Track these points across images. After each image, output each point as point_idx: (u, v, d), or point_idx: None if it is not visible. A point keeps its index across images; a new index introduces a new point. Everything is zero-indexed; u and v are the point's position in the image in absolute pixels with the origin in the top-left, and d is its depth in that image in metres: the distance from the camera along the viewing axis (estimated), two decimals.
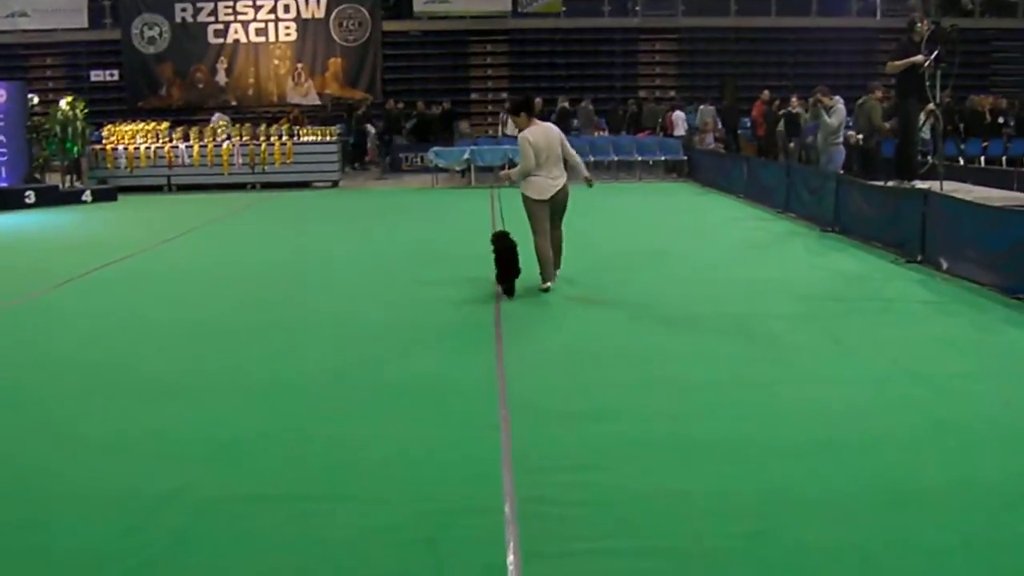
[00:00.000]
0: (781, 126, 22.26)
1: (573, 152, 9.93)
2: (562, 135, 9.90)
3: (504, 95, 27.63)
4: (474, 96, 29.29)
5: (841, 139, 15.93)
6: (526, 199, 9.82)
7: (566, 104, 25.76)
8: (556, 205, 9.80)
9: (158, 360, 7.39)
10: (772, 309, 8.70)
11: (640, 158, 23.02)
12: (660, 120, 25.30)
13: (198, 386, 6.69)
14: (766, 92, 23.62)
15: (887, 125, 16.77)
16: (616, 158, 23.06)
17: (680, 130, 24.59)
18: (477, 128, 27.19)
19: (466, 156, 21.70)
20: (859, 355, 7.17)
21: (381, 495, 4.72)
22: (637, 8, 29.91)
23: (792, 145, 21.66)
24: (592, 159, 22.67)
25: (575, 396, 6.26)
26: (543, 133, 9.69)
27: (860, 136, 16.89)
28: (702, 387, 6.41)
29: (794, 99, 22.11)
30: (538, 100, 14.93)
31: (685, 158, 23.15)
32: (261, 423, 5.84)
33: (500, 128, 25.06)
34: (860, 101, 17.07)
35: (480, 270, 10.02)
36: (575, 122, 25.70)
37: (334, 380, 6.76)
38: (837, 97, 15.98)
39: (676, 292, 9.77)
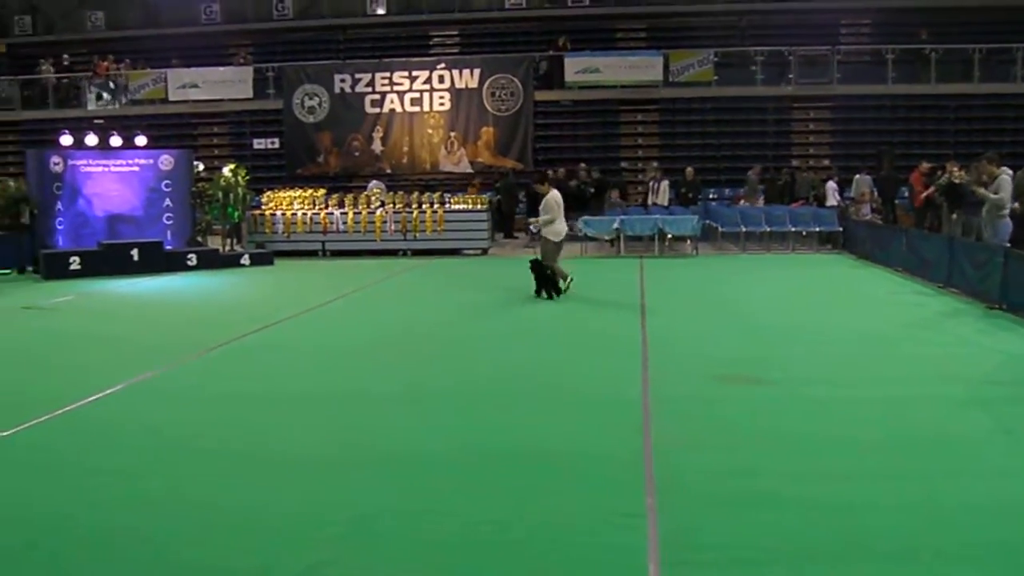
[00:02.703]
0: (941, 197, 21.48)
1: None
2: None
3: (655, 164, 27.52)
4: (624, 165, 29.25)
5: (1008, 211, 15.26)
6: (548, 240, 14.73)
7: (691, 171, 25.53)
8: (561, 244, 14.90)
9: (297, 432, 7.46)
10: (934, 392, 8.30)
11: (793, 229, 22.53)
12: (814, 190, 24.78)
13: (337, 459, 6.71)
14: (924, 163, 22.87)
15: None
16: (769, 229, 22.62)
17: (832, 200, 24.01)
18: (626, 197, 27.05)
19: (616, 226, 21.62)
20: None
21: None
22: (791, 76, 29.49)
23: (954, 217, 20.85)
24: (744, 229, 22.36)
25: (727, 480, 6.03)
26: (557, 196, 14.85)
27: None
28: (860, 477, 6.11)
29: (955, 168, 21.32)
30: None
31: (840, 229, 22.55)
32: (399, 499, 5.80)
33: (649, 197, 24.89)
34: (1022, 172, 16.34)
35: (628, 343, 9.87)
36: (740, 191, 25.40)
37: (474, 453, 6.70)
38: (1005, 168, 15.34)
39: (831, 370, 9.41)
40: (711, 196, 27.15)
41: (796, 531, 5.22)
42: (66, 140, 20.63)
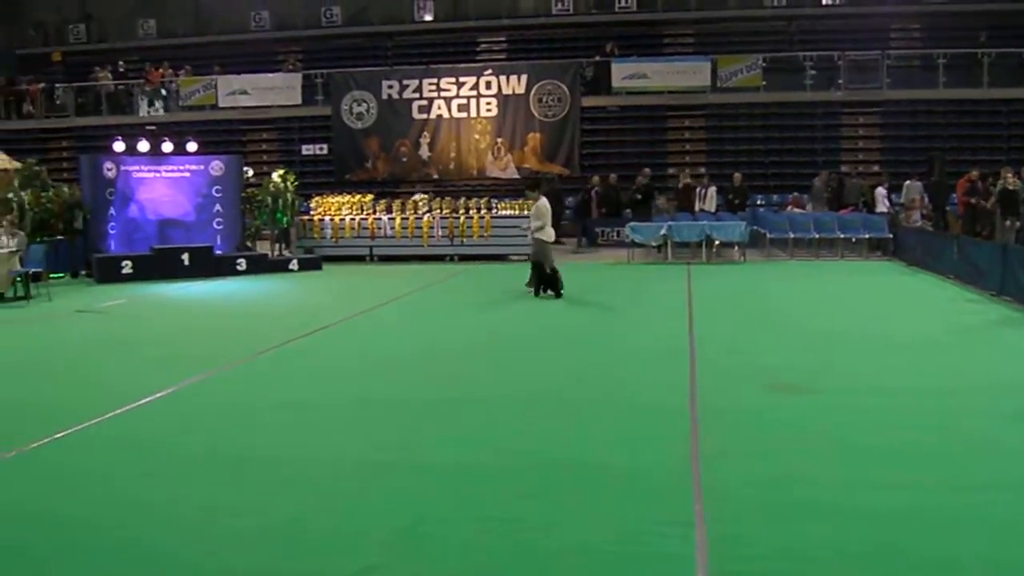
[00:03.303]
0: (994, 203, 21.22)
1: None
2: None
3: (703, 169, 27.42)
4: (671, 171, 29.14)
5: None
6: (542, 242, 15.89)
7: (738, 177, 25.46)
8: (552, 244, 16.12)
9: (344, 437, 7.52)
10: (985, 403, 8.20)
11: (842, 235, 22.32)
12: (863, 196, 24.57)
13: (384, 465, 6.76)
14: (975, 172, 22.63)
15: None
16: (817, 235, 22.44)
17: (881, 207, 23.79)
18: (674, 203, 26.89)
19: (663, 232, 21.55)
20: None
21: None
22: (840, 81, 29.25)
23: (1008, 223, 20.60)
24: (792, 235, 22.19)
25: (776, 489, 6.01)
26: (546, 202, 16.16)
27: None
28: (909, 487, 6.06)
29: (1009, 174, 21.06)
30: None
31: (890, 236, 22.31)
32: (447, 506, 5.83)
33: (696, 203, 24.78)
34: None
35: (676, 350, 9.83)
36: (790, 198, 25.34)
37: (521, 460, 6.72)
38: None
39: (881, 379, 9.31)
40: (759, 202, 26.94)
41: (845, 541, 5.18)
42: (119, 146, 20.92)
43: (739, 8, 33.30)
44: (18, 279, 17.08)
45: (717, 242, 21.81)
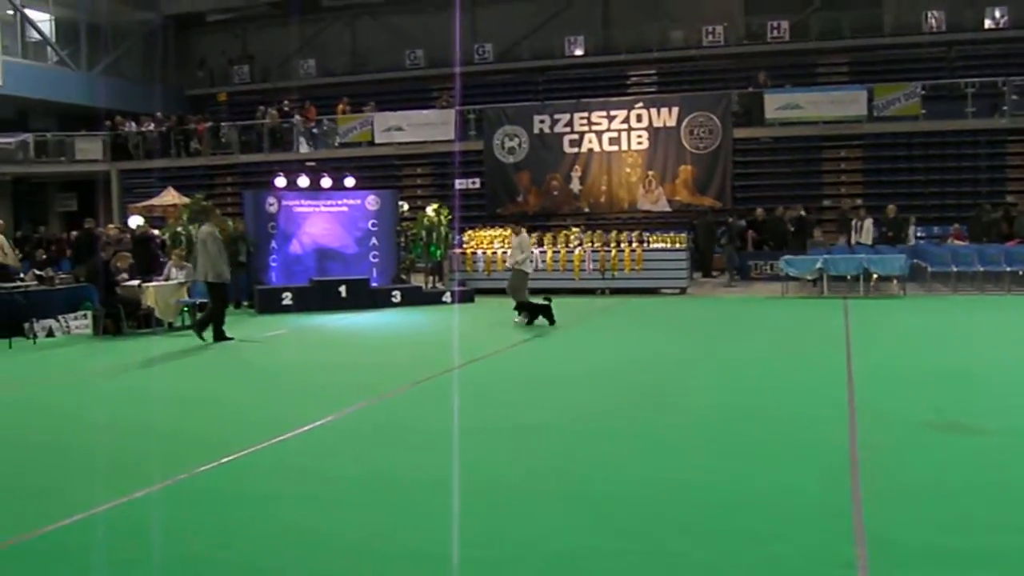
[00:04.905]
0: None
1: None
2: None
3: (859, 201, 26.80)
4: (827, 203, 28.57)
5: None
6: (521, 272, 17.47)
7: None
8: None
9: (496, 464, 7.58)
10: None
11: (1009, 269, 21.47)
12: None
13: (538, 491, 6.79)
14: None
15: None
16: (982, 269, 21.64)
17: None
18: (830, 235, 26.37)
19: (818, 265, 21.13)
20: None
21: None
22: (1004, 108, 28.26)
23: None
24: (955, 269, 21.48)
25: (940, 534, 5.80)
26: (527, 236, 18.12)
27: None
28: None
29: None
30: None
31: None
32: (599, 536, 5.82)
33: (852, 236, 24.25)
34: None
35: (833, 385, 9.63)
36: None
37: (677, 492, 6.67)
38: None
39: None
40: (918, 235, 26.12)
41: None
42: (280, 182, 21.71)
43: (895, 35, 32.58)
44: (185, 309, 17.94)
45: (875, 276, 21.27)
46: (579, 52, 36.18)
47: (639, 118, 28.88)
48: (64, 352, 15.58)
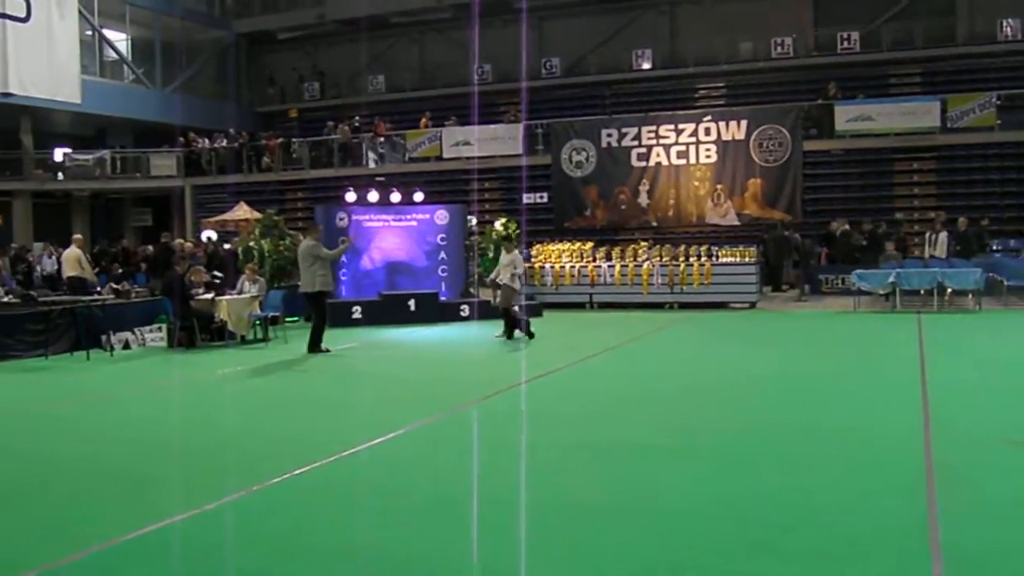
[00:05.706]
0: None
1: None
2: None
3: (932, 214, 26.38)
4: (899, 216, 28.15)
5: None
6: (511, 288, 17.41)
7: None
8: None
9: (569, 480, 7.56)
10: None
11: None
12: None
13: (611, 508, 6.78)
14: None
15: None
16: None
17: None
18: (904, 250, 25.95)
19: (891, 279, 20.82)
20: None
21: None
22: None
23: None
24: (1013, 284, 21.07)
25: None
26: (518, 254, 18.21)
27: None
28: None
29: None
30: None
31: None
32: (675, 554, 5.81)
33: (926, 249, 23.87)
34: None
35: (908, 402, 9.49)
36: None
37: (747, 512, 6.62)
38: None
39: None
40: (995, 248, 25.61)
41: None
42: (350, 196, 21.93)
43: (970, 44, 32.05)
44: (257, 323, 18.24)
45: (950, 290, 20.92)
46: (646, 65, 36.11)
47: (707, 131, 28.76)
48: (140, 364, 15.92)
